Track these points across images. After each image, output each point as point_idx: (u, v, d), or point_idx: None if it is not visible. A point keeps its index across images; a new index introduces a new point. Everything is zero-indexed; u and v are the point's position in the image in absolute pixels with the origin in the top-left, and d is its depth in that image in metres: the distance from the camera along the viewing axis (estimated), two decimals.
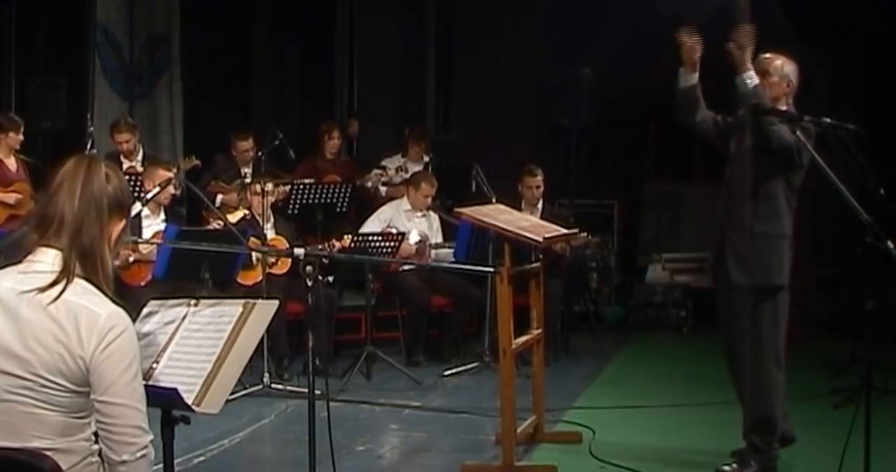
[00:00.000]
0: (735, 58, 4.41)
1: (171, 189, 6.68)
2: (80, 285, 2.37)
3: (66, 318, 2.32)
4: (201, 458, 4.99)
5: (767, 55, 4.62)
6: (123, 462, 2.34)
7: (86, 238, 2.39)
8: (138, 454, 2.35)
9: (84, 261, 2.38)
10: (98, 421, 2.36)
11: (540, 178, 7.89)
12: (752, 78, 4.39)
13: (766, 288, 4.55)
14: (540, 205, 7.92)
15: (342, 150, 8.97)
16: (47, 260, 2.38)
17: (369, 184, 8.83)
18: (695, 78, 4.69)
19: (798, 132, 4.23)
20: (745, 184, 4.56)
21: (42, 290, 2.34)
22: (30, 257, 2.40)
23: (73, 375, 2.33)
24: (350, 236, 7.13)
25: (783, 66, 4.58)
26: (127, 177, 7.08)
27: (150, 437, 2.38)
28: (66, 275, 2.35)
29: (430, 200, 7.84)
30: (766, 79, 4.54)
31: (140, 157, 7.97)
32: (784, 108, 4.50)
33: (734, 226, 4.62)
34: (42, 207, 2.45)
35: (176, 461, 2.81)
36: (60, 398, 2.35)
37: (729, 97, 4.59)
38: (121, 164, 7.88)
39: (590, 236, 7.52)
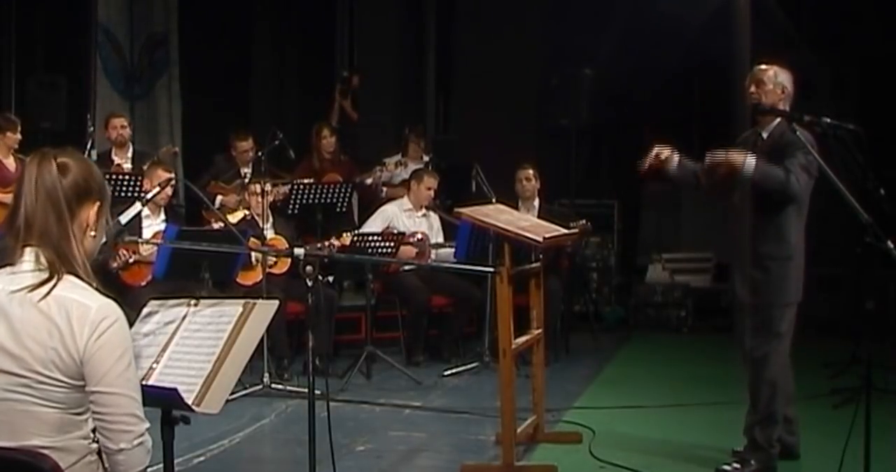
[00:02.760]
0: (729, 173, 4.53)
1: (169, 190, 6.68)
2: (69, 280, 2.38)
3: (57, 313, 2.33)
4: (201, 458, 4.99)
5: (762, 66, 4.71)
6: (121, 450, 2.35)
7: (52, 237, 2.40)
8: (135, 442, 2.36)
9: (58, 258, 2.39)
10: (94, 412, 2.38)
11: (531, 171, 7.89)
12: (749, 164, 4.47)
13: (773, 305, 4.60)
14: (536, 202, 7.91)
15: (338, 147, 8.96)
16: (30, 259, 2.40)
17: (370, 181, 8.82)
18: (675, 163, 4.85)
19: (798, 133, 4.25)
20: (751, 207, 4.61)
21: (32, 288, 2.35)
22: (17, 258, 2.42)
23: (68, 369, 2.34)
24: (350, 236, 7.13)
25: (776, 74, 4.66)
26: (123, 177, 7.15)
27: (147, 425, 2.39)
28: (53, 272, 2.37)
29: (432, 193, 7.84)
30: (761, 88, 4.64)
31: (130, 153, 7.98)
32: None
33: (743, 249, 4.67)
34: (11, 211, 2.46)
35: (176, 461, 2.81)
36: (58, 394, 2.36)
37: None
38: (111, 161, 7.89)
39: (588, 223, 7.50)
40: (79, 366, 2.34)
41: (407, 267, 7.62)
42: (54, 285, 2.36)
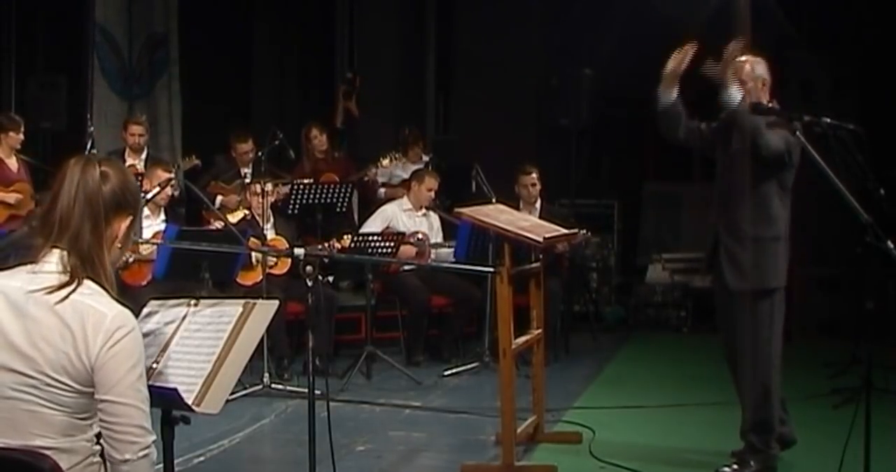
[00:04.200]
0: (720, 75, 4.52)
1: (169, 190, 6.68)
2: (87, 285, 2.38)
3: (72, 318, 2.32)
4: (201, 458, 4.99)
5: (738, 60, 4.67)
6: (126, 461, 2.34)
7: (83, 243, 2.39)
8: (140, 454, 2.35)
9: (83, 264, 2.38)
10: (101, 420, 2.36)
11: (534, 176, 7.88)
12: (736, 92, 4.49)
13: (762, 291, 4.57)
14: (538, 204, 7.91)
15: (331, 146, 8.93)
16: (54, 261, 2.39)
17: (366, 178, 8.78)
18: (674, 95, 4.73)
19: (798, 133, 4.24)
20: (736, 187, 4.60)
21: (51, 290, 2.34)
22: (41, 257, 2.41)
23: (78, 374, 2.33)
24: (350, 236, 7.13)
25: (753, 68, 4.64)
26: None
27: (153, 437, 2.38)
28: (75, 276, 2.36)
29: (433, 193, 7.83)
30: (743, 86, 4.61)
31: (144, 156, 7.99)
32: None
33: (728, 230, 4.67)
34: (45, 210, 2.45)
35: (176, 461, 2.81)
36: (65, 398, 2.35)
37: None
38: (124, 161, 7.90)
39: (589, 234, 7.52)
40: (89, 373, 2.33)
41: (407, 267, 7.62)
42: (73, 290, 2.35)
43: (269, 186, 7.28)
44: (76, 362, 2.32)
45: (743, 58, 4.67)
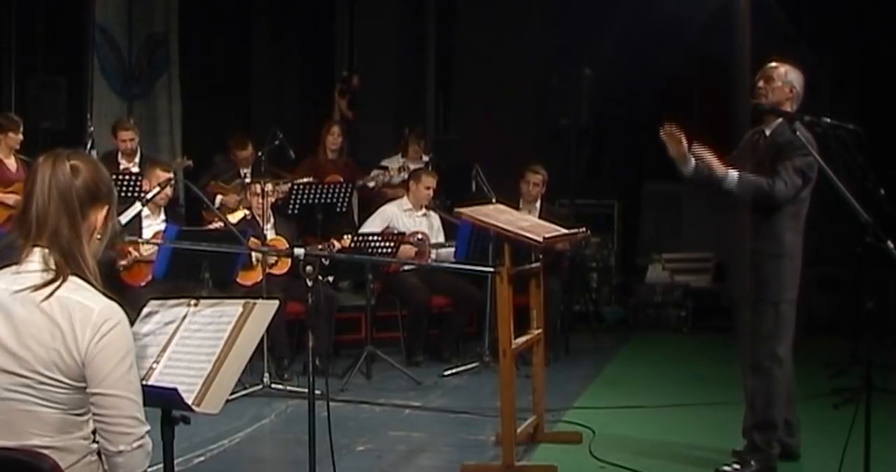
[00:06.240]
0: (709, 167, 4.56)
1: (168, 190, 6.68)
2: (73, 281, 2.38)
3: (59, 314, 2.33)
4: (201, 458, 4.99)
5: (773, 63, 4.70)
6: (120, 453, 2.35)
7: (62, 238, 2.40)
8: (135, 445, 2.35)
9: (66, 260, 2.39)
10: (94, 413, 2.37)
11: (541, 177, 7.92)
12: (731, 180, 4.52)
13: (764, 301, 4.59)
14: (538, 204, 7.93)
15: (343, 148, 8.96)
16: (36, 259, 2.40)
17: (372, 184, 8.80)
18: (692, 164, 4.66)
19: (798, 133, 4.24)
20: (747, 205, 4.61)
21: (35, 288, 2.35)
22: (24, 258, 2.41)
23: (69, 370, 2.34)
24: (350, 236, 7.13)
25: (787, 73, 4.65)
26: (123, 177, 7.16)
27: (147, 428, 2.39)
28: (59, 273, 2.37)
29: (431, 192, 7.83)
30: (769, 84, 4.63)
31: (138, 158, 7.98)
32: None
33: (737, 246, 4.72)
34: (21, 210, 2.46)
35: (176, 461, 2.81)
36: (59, 395, 2.35)
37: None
38: (118, 164, 7.89)
39: (588, 232, 7.52)
40: (80, 368, 2.33)
41: (407, 267, 7.62)
42: (58, 287, 2.35)
43: (269, 186, 7.28)
44: (67, 359, 2.33)
45: (775, 63, 4.69)
